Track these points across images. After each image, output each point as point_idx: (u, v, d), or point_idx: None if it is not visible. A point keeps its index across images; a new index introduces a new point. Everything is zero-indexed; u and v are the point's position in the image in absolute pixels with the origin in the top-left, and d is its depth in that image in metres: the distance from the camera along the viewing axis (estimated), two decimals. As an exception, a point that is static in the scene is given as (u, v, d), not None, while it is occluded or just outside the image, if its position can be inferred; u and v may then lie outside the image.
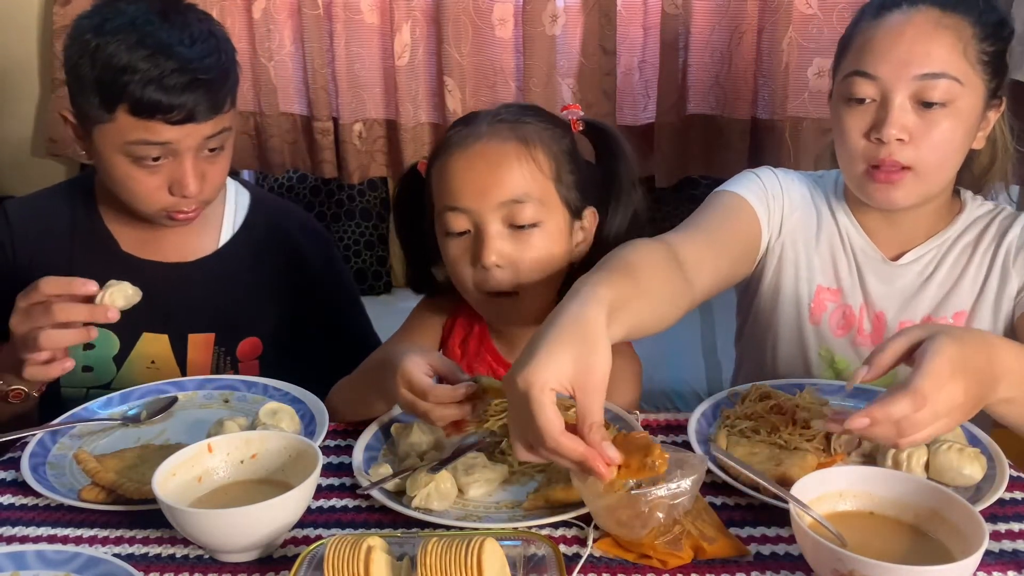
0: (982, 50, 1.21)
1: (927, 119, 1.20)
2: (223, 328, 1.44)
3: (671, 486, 0.89)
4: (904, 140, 1.20)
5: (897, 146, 1.20)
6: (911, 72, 1.19)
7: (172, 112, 1.23)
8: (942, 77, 1.18)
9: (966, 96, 1.20)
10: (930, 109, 1.19)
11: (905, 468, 0.99)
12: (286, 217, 1.54)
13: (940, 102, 1.19)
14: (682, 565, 0.88)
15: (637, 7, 2.33)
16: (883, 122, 1.20)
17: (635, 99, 2.40)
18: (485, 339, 1.29)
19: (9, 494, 1.04)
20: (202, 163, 1.30)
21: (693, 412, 1.14)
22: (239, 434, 1.01)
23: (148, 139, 1.25)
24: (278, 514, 0.89)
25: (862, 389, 1.21)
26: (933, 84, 1.18)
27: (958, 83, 1.19)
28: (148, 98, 1.21)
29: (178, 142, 1.26)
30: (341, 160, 2.53)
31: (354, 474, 1.04)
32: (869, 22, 1.25)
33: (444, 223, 1.16)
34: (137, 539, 0.95)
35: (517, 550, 0.84)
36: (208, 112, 1.26)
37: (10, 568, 0.86)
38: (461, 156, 1.14)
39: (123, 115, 1.24)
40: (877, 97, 1.22)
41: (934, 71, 1.18)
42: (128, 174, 1.28)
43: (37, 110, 2.60)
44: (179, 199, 1.30)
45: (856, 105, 1.23)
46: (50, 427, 1.14)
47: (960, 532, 0.82)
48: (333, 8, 2.38)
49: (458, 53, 2.36)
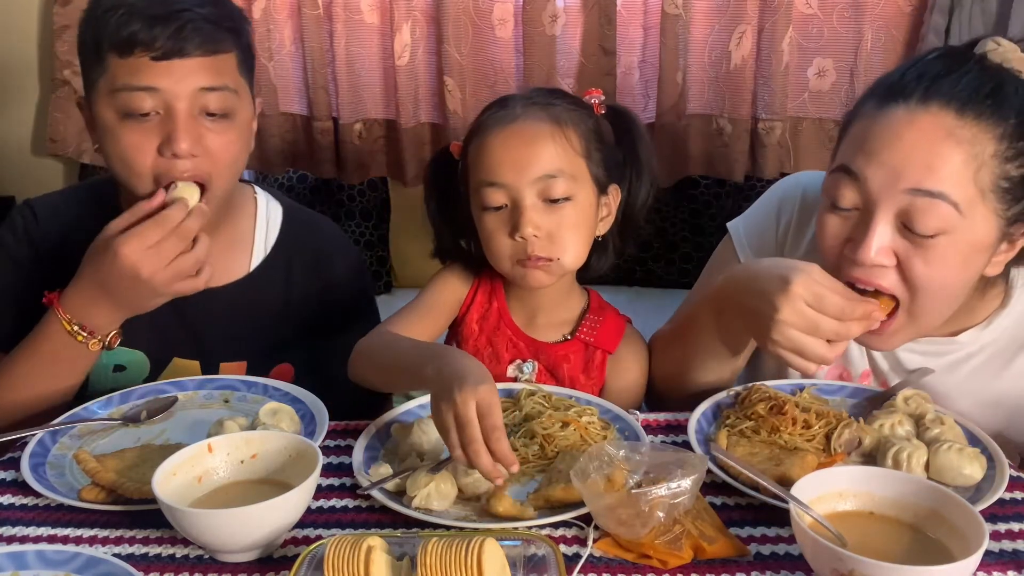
0: (1003, 174, 0.97)
1: (920, 248, 1.00)
2: (255, 355, 1.38)
3: (671, 485, 0.89)
4: (886, 266, 1.02)
5: (878, 272, 1.03)
6: (902, 184, 0.99)
7: (154, 42, 1.16)
8: (939, 199, 0.97)
9: (965, 229, 0.99)
10: (921, 234, 0.99)
11: (905, 468, 0.99)
12: (318, 233, 1.48)
13: (931, 232, 0.99)
14: (682, 565, 0.88)
15: (637, 7, 2.33)
16: (860, 242, 1.01)
17: (635, 99, 2.40)
18: (504, 315, 1.33)
19: (9, 494, 1.04)
20: (199, 126, 1.21)
21: (693, 412, 1.14)
22: (239, 434, 1.01)
23: (132, 83, 1.17)
24: (278, 514, 0.89)
25: (862, 389, 1.22)
26: (926, 205, 0.98)
27: (956, 212, 0.97)
28: (128, 29, 1.16)
29: (168, 90, 1.18)
30: (341, 160, 2.52)
31: (354, 474, 1.04)
32: (870, 113, 1.04)
33: (482, 198, 1.22)
34: (137, 539, 0.95)
35: (517, 550, 0.84)
36: (198, 47, 1.18)
37: (10, 568, 0.86)
38: (498, 135, 1.21)
39: (111, 59, 1.18)
40: (859, 205, 1.03)
41: (930, 189, 0.97)
42: (118, 135, 1.20)
43: (37, 110, 2.60)
44: (171, 162, 1.19)
45: (838, 212, 1.06)
46: (50, 427, 1.14)
47: (960, 532, 0.82)
48: (333, 8, 2.38)
49: (458, 53, 2.36)
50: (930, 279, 1.01)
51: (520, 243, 1.21)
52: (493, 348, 1.31)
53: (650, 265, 2.45)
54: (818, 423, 1.08)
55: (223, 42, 1.22)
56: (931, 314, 1.05)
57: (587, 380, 1.30)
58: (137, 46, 1.16)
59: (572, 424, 1.10)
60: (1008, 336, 1.15)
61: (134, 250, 1.14)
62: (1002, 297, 1.15)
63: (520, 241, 1.21)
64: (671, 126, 2.34)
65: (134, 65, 1.17)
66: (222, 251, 1.34)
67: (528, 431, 1.10)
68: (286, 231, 1.43)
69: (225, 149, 1.24)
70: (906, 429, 1.07)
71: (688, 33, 2.27)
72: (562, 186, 1.20)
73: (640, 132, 1.31)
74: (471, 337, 1.32)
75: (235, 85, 1.24)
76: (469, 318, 1.34)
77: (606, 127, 1.28)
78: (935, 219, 0.98)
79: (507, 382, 1.27)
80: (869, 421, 1.10)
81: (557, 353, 1.30)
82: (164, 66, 1.17)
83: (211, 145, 1.22)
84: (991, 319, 1.16)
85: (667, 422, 1.18)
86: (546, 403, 1.17)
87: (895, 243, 1.01)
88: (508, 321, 1.33)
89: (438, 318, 1.33)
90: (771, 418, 1.09)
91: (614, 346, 1.31)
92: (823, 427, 1.08)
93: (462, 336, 1.33)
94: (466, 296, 1.35)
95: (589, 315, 1.33)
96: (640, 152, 1.30)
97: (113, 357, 1.34)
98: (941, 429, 1.05)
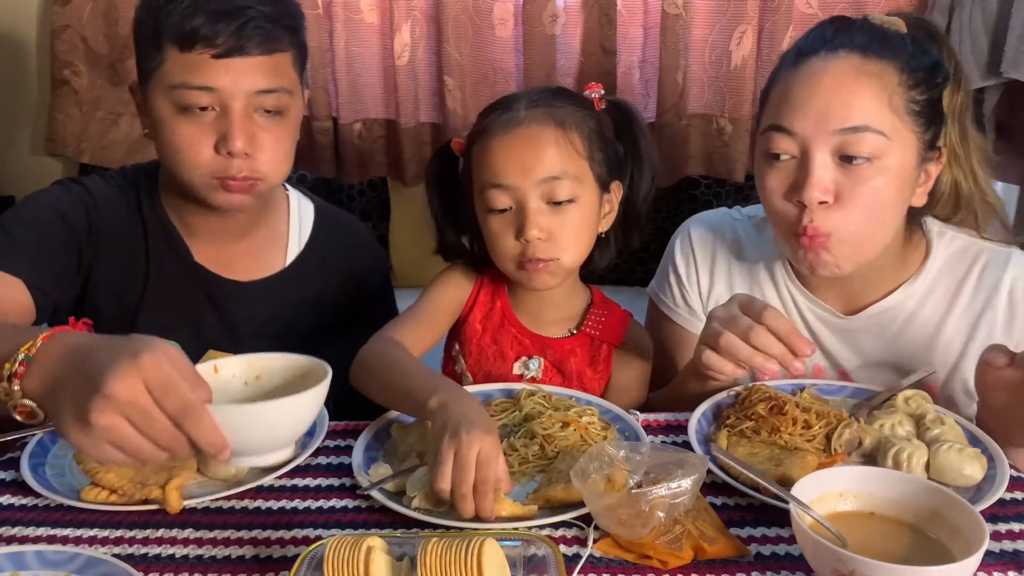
0: (911, 99, 1.10)
1: (852, 177, 1.10)
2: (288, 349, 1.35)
3: (671, 485, 0.89)
4: (828, 202, 1.11)
5: (821, 211, 1.11)
6: (830, 126, 1.09)
7: (216, 40, 1.17)
8: (865, 131, 1.08)
9: (894, 151, 1.10)
10: (854, 166, 1.09)
11: (905, 468, 0.99)
12: (351, 232, 1.51)
13: (864, 157, 1.09)
14: (682, 565, 0.88)
15: (637, 7, 2.33)
16: (803, 183, 1.10)
17: (635, 99, 2.39)
18: (508, 313, 1.34)
19: (9, 494, 1.04)
20: (253, 124, 1.22)
21: (693, 412, 1.14)
22: (243, 356, 0.96)
23: (191, 82, 1.18)
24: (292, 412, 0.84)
25: (862, 389, 1.22)
26: (856, 139, 1.08)
27: (883, 137, 1.09)
28: (190, 24, 1.17)
29: (225, 89, 1.19)
30: (341, 160, 2.52)
31: (354, 474, 1.04)
32: (787, 72, 1.15)
33: (486, 200, 1.24)
34: (137, 539, 0.95)
35: (517, 550, 0.84)
36: (258, 45, 1.18)
37: (10, 568, 0.86)
38: (503, 138, 1.22)
39: (170, 52, 1.19)
40: (797, 153, 1.12)
41: (855, 125, 1.08)
42: (174, 128, 1.21)
43: (37, 110, 2.60)
44: (226, 160, 1.22)
45: (775, 162, 1.14)
46: (50, 427, 1.14)
47: (960, 532, 0.82)
48: (333, 8, 2.38)
49: (458, 53, 2.36)
50: (866, 201, 1.10)
51: (523, 245, 1.22)
52: (498, 346, 1.32)
53: (650, 265, 2.44)
54: (818, 423, 1.08)
55: (281, 41, 1.23)
56: (868, 239, 1.14)
57: (593, 374, 1.31)
58: (199, 41, 1.17)
59: (572, 424, 1.10)
60: (941, 287, 1.25)
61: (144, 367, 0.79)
62: (924, 247, 1.26)
63: (524, 243, 1.22)
64: (671, 126, 2.34)
65: (194, 61, 1.18)
66: (259, 246, 1.39)
67: (528, 431, 1.10)
68: (319, 228, 1.46)
69: (276, 146, 1.26)
70: (906, 429, 1.07)
71: (688, 33, 2.27)
72: (566, 188, 1.21)
73: (641, 126, 1.32)
74: (474, 337, 1.32)
75: (290, 85, 1.26)
76: (472, 318, 1.34)
77: (607, 123, 1.29)
78: (866, 148, 1.09)
79: (511, 381, 1.27)
80: (869, 421, 1.10)
81: (564, 348, 1.31)
82: (223, 64, 1.18)
83: (264, 142, 1.23)
84: (920, 271, 1.25)
85: (667, 422, 1.18)
86: (546, 403, 1.17)
87: (834, 179, 1.10)
88: (512, 319, 1.33)
89: (441, 320, 1.34)
90: (771, 418, 1.09)
91: (619, 339, 1.33)
92: (823, 427, 1.08)
93: (465, 336, 1.33)
94: (469, 296, 1.35)
95: (593, 309, 1.34)
96: (641, 146, 1.31)
97: None
98: (941, 429, 1.05)
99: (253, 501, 1.02)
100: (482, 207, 1.25)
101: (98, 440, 0.80)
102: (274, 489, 1.04)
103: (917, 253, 1.27)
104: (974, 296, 1.25)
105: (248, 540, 0.95)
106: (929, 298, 1.26)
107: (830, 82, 1.10)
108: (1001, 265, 1.24)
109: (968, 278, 1.25)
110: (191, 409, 0.79)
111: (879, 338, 1.27)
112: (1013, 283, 1.23)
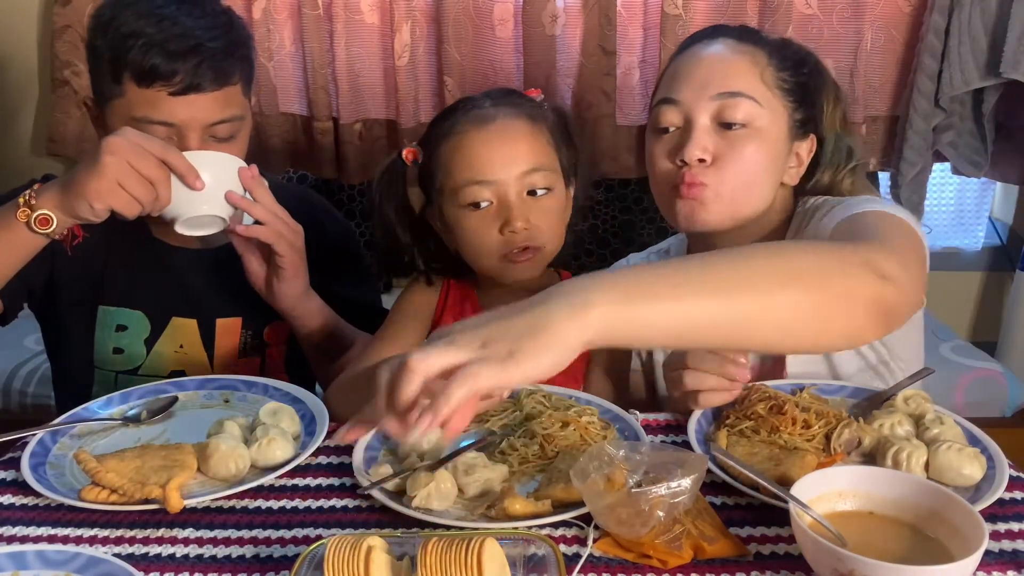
0: (780, 77, 1.25)
1: (728, 139, 1.22)
2: (250, 312, 1.46)
3: (671, 485, 0.89)
4: (706, 161, 1.22)
5: (699, 168, 1.22)
6: (709, 92, 1.22)
7: (173, 78, 1.24)
8: (740, 96, 1.21)
9: (766, 118, 1.23)
10: (731, 130, 1.22)
11: (905, 468, 0.99)
12: (307, 201, 1.58)
13: (740, 122, 1.21)
14: (682, 565, 0.88)
15: (637, 7, 2.33)
16: (685, 143, 1.22)
17: (635, 99, 2.40)
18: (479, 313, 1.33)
19: (9, 494, 1.04)
20: (207, 146, 1.30)
21: (693, 412, 1.14)
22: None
23: (151, 116, 1.26)
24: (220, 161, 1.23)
25: (862, 389, 1.22)
26: (732, 103, 1.21)
27: (756, 104, 1.22)
28: (150, 62, 1.23)
29: (182, 124, 1.27)
30: (341, 160, 2.53)
31: (354, 474, 1.04)
32: (675, 59, 1.31)
33: (466, 197, 1.25)
34: (137, 539, 0.95)
35: (517, 550, 0.84)
36: (212, 81, 1.26)
37: (10, 568, 0.86)
38: (479, 134, 1.25)
39: (129, 85, 1.25)
40: (681, 123, 1.24)
41: (731, 90, 1.22)
42: None
43: (37, 110, 2.60)
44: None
45: (662, 134, 1.26)
46: (50, 427, 1.14)
47: (960, 532, 0.82)
48: (333, 8, 2.38)
49: (458, 53, 2.36)
50: (740, 162, 1.22)
51: (508, 237, 1.25)
52: None
53: (650, 265, 2.45)
54: (818, 423, 1.08)
55: (233, 75, 1.31)
56: (741, 196, 1.23)
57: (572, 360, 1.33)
58: (158, 79, 1.24)
59: (572, 424, 1.10)
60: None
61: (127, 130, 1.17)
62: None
63: (509, 235, 1.24)
64: (671, 126, 2.35)
65: (153, 97, 1.25)
66: None
67: (528, 431, 1.10)
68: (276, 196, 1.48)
69: None
70: (906, 429, 1.07)
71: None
72: (543, 179, 1.26)
73: (574, 131, 1.37)
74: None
75: (242, 111, 1.34)
76: (444, 321, 1.35)
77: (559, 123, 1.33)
78: (741, 112, 1.21)
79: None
80: (869, 421, 1.10)
81: None
82: (180, 100, 1.26)
83: None
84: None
85: (667, 422, 1.18)
86: (546, 403, 1.17)
87: (713, 142, 1.22)
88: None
89: (411, 335, 1.34)
90: (771, 418, 1.09)
91: None
92: (823, 427, 1.08)
93: None
94: (438, 301, 1.36)
95: None
96: (580, 149, 1.36)
97: (114, 317, 1.44)
98: (941, 429, 1.05)
99: (253, 501, 1.02)
100: (456, 205, 1.27)
101: (109, 179, 1.14)
102: (274, 489, 1.04)
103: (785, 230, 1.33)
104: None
105: (248, 540, 0.95)
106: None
107: (710, 58, 1.26)
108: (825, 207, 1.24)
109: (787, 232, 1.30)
110: (166, 147, 1.19)
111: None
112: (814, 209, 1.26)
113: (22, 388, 2.27)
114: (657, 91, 1.31)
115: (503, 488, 0.98)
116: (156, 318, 1.45)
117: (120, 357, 1.46)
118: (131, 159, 1.15)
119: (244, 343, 1.48)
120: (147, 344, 1.46)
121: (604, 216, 2.63)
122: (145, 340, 1.45)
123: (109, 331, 1.45)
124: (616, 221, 2.64)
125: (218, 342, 1.47)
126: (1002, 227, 2.83)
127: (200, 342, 1.46)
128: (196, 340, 1.46)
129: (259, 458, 1.06)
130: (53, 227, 1.19)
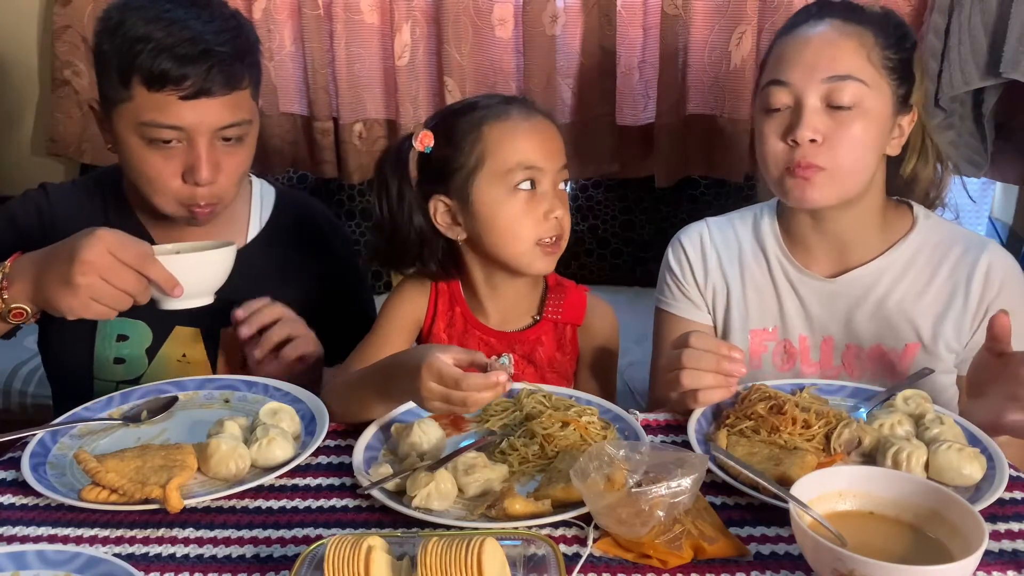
0: (886, 56, 1.27)
1: (838, 120, 1.25)
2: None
3: (671, 485, 0.89)
4: (817, 141, 1.25)
5: (811, 148, 1.26)
6: (819, 75, 1.25)
7: (184, 83, 1.23)
8: (849, 79, 1.25)
9: (873, 98, 1.26)
10: (840, 111, 1.25)
11: (905, 468, 0.99)
12: (311, 210, 1.58)
13: (848, 105, 1.25)
14: (682, 565, 0.88)
15: (637, 7, 2.33)
16: (797, 124, 1.26)
17: (635, 99, 2.40)
18: (469, 317, 1.35)
19: (9, 494, 1.04)
20: (217, 152, 1.30)
21: (693, 412, 1.14)
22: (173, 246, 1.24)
23: (160, 120, 1.25)
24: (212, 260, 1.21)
25: (862, 389, 1.22)
26: (841, 86, 1.25)
27: (864, 85, 1.25)
28: (159, 67, 1.23)
29: (191, 128, 1.26)
30: (341, 160, 2.52)
31: (354, 474, 1.04)
32: (781, 39, 1.34)
33: (514, 179, 1.25)
34: (137, 539, 0.95)
35: (517, 550, 0.84)
36: (222, 86, 1.26)
37: (10, 568, 0.86)
38: (523, 123, 1.27)
39: (138, 89, 1.25)
40: (791, 103, 1.28)
41: (840, 73, 1.25)
42: (143, 158, 1.29)
43: (37, 110, 2.60)
44: (192, 188, 1.30)
45: (773, 114, 1.29)
46: (50, 427, 1.14)
47: (960, 532, 0.82)
48: (333, 8, 2.38)
49: (458, 53, 2.36)
50: (850, 141, 1.26)
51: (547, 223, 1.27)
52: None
53: (650, 265, 2.45)
54: (818, 423, 1.08)
55: (243, 79, 1.31)
56: (850, 174, 1.28)
57: (563, 356, 1.35)
58: (168, 84, 1.24)
59: (572, 424, 1.10)
60: (923, 258, 1.36)
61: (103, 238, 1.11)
62: (910, 223, 1.38)
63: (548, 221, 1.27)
64: (670, 126, 2.34)
65: (162, 101, 1.25)
66: (220, 229, 1.44)
67: (528, 431, 1.10)
68: (279, 207, 1.53)
69: (237, 168, 1.35)
70: (906, 429, 1.07)
71: (688, 33, 2.27)
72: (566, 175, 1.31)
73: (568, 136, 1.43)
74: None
75: (250, 115, 1.34)
76: (436, 328, 1.35)
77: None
78: (850, 95, 1.25)
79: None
80: (869, 421, 1.10)
81: (529, 339, 1.34)
82: (190, 104, 1.26)
83: (226, 167, 1.32)
84: (903, 240, 1.36)
85: (667, 422, 1.18)
86: (546, 403, 1.17)
87: (823, 122, 1.26)
88: (474, 322, 1.34)
89: (401, 338, 1.34)
90: (771, 418, 1.10)
91: (581, 318, 1.36)
92: (823, 427, 1.08)
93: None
94: (427, 307, 1.36)
95: (550, 294, 1.37)
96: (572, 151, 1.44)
97: (115, 327, 1.43)
98: (941, 429, 1.05)
99: (253, 501, 1.02)
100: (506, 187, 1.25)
101: (83, 298, 1.11)
102: (274, 489, 1.04)
103: (901, 224, 1.38)
104: (951, 276, 1.33)
105: (248, 540, 0.95)
106: (909, 271, 1.35)
107: (818, 40, 1.28)
108: (977, 251, 1.34)
109: (947, 259, 1.35)
110: (145, 257, 1.14)
111: (859, 307, 1.35)
112: (989, 267, 1.32)
113: (22, 388, 2.27)
114: (764, 71, 1.34)
115: (503, 488, 0.98)
116: (158, 327, 1.44)
117: (121, 367, 1.45)
118: (106, 276, 1.11)
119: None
120: (149, 353, 1.45)
121: (604, 216, 2.63)
122: (147, 349, 1.45)
123: (110, 341, 1.44)
124: (616, 221, 2.64)
125: (221, 351, 1.45)
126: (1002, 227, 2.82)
127: (203, 352, 1.45)
128: (199, 349, 1.45)
129: (259, 458, 1.06)
130: (27, 318, 1.17)
